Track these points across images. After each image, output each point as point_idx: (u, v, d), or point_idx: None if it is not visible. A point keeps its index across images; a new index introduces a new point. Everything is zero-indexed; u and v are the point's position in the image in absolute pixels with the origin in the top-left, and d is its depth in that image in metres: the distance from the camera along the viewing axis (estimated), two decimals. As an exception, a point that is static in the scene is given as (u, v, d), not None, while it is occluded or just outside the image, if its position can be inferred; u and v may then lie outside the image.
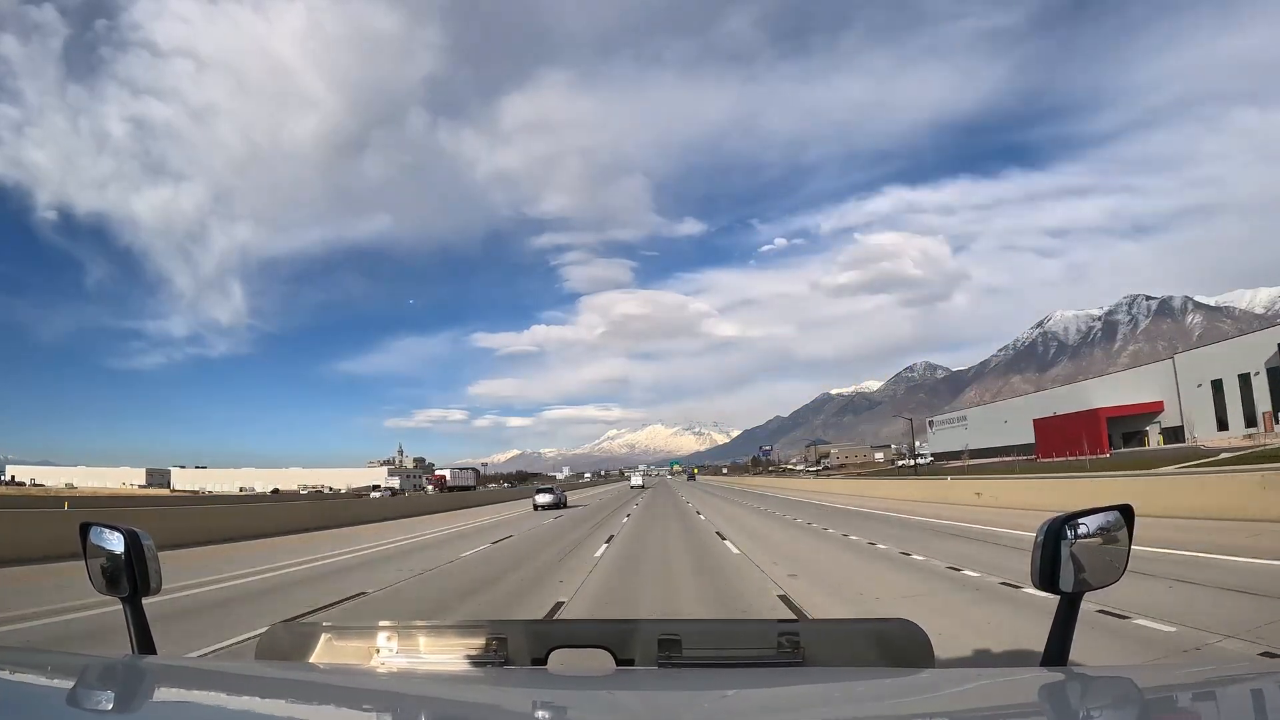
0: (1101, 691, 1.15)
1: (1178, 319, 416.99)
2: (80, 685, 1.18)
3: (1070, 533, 1.29)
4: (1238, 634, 5.16)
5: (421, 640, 1.42)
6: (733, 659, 1.34)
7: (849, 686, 1.25)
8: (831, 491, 38.97)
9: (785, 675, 1.28)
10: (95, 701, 1.11)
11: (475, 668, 1.33)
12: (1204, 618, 5.68)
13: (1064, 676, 1.18)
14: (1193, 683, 1.25)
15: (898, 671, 1.29)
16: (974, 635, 5.51)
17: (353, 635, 1.45)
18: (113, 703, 1.12)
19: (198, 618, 7.21)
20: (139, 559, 1.39)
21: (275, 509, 29.06)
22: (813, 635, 1.35)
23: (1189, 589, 6.91)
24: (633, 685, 1.30)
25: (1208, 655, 4.85)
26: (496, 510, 33.29)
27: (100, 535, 1.45)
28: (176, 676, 1.42)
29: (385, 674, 1.34)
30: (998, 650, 5.02)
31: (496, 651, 1.34)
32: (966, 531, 14.35)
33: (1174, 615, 5.75)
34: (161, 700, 1.19)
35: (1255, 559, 8.39)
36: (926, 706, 1.15)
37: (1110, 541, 1.32)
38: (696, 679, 1.30)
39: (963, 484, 26.05)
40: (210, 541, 15.51)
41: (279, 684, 1.28)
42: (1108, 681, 1.24)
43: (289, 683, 1.29)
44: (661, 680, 1.29)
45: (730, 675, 1.31)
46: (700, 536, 16.11)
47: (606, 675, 1.32)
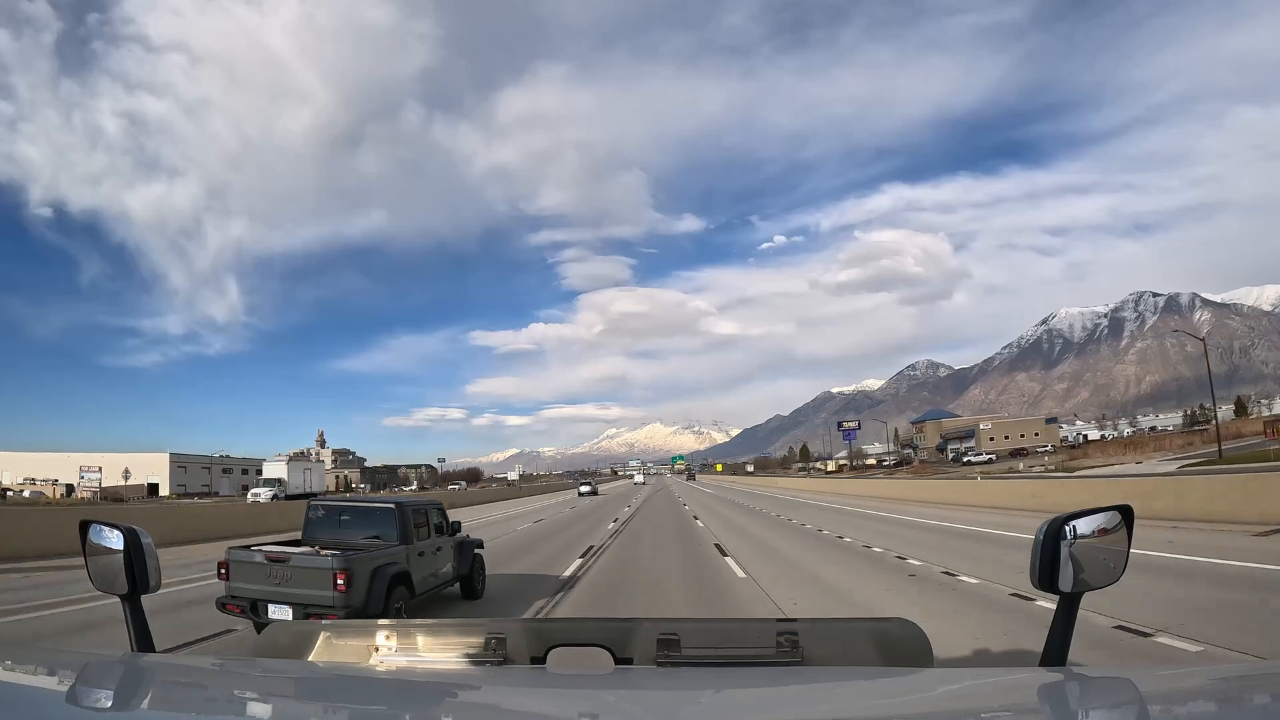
0: (1100, 692, 1.15)
1: (1185, 316, 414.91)
2: (79, 683, 1.19)
3: (1070, 533, 1.29)
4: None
5: (420, 639, 1.43)
6: (732, 658, 1.34)
7: (848, 686, 1.25)
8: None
9: (784, 674, 1.28)
10: (94, 699, 1.12)
11: (474, 666, 1.33)
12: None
13: (1062, 677, 1.18)
14: (1192, 683, 1.25)
15: (897, 671, 1.29)
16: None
17: (351, 634, 1.46)
18: (112, 700, 1.13)
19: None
20: (138, 557, 1.40)
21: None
22: (812, 635, 1.35)
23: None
24: (632, 684, 1.30)
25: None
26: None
27: (100, 533, 1.46)
28: (175, 674, 1.42)
29: (384, 672, 1.34)
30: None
31: (495, 650, 1.34)
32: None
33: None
34: (160, 698, 1.19)
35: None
36: (925, 706, 1.15)
37: (1110, 542, 1.32)
38: (695, 678, 1.30)
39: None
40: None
41: (278, 682, 1.28)
42: (1106, 682, 1.23)
43: (288, 681, 1.29)
44: (660, 679, 1.29)
45: (729, 674, 1.31)
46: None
47: (605, 674, 1.32)
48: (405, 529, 7.21)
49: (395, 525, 7.20)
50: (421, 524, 7.59)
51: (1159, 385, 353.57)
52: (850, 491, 37.74)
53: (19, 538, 13.24)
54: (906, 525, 17.59)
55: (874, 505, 25.64)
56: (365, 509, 7.83)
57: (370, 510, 7.69)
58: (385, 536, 7.17)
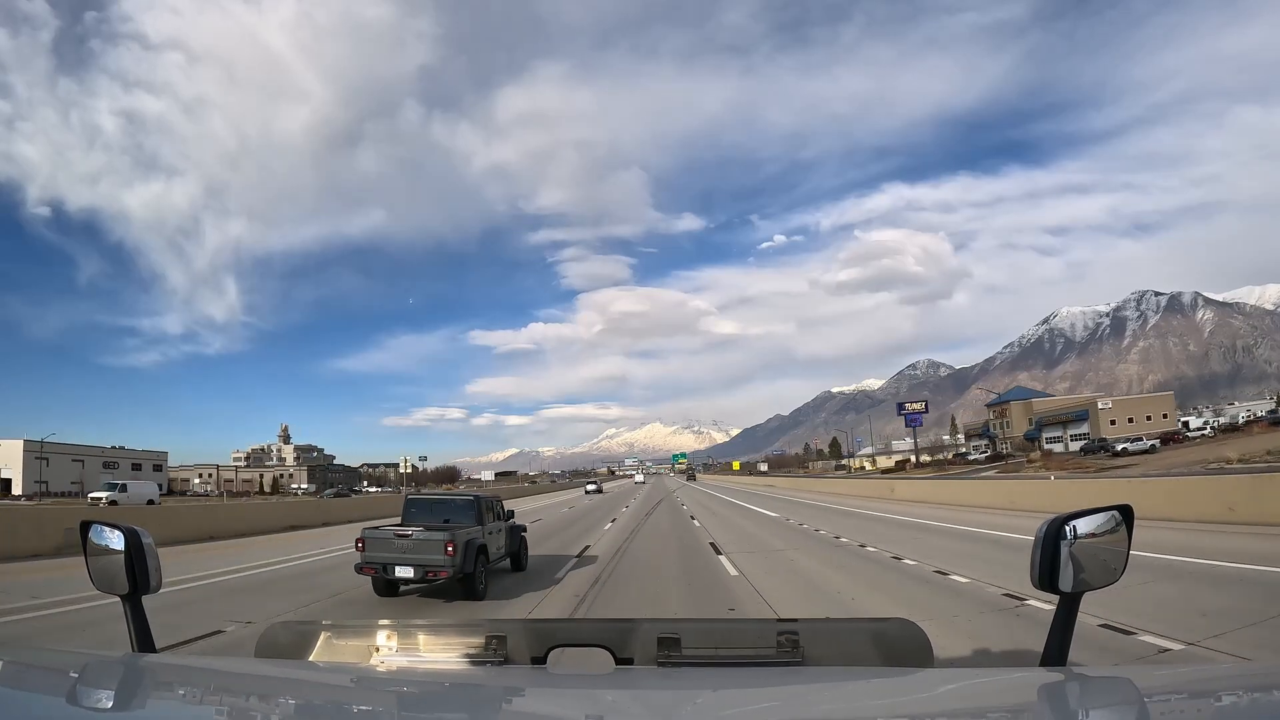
0: (1100, 692, 1.15)
1: (1188, 315, 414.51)
2: (80, 683, 1.19)
3: (1070, 533, 1.29)
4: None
5: (421, 639, 1.43)
6: (732, 658, 1.34)
7: (849, 686, 1.25)
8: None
9: (785, 675, 1.28)
10: (95, 699, 1.12)
11: (475, 666, 1.33)
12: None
13: (1063, 677, 1.18)
14: (1192, 683, 1.25)
15: (897, 671, 1.29)
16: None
17: (352, 634, 1.46)
18: (113, 700, 1.13)
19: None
20: (139, 557, 1.40)
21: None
22: (812, 635, 1.35)
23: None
24: (632, 684, 1.30)
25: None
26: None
27: (100, 533, 1.46)
28: (176, 674, 1.43)
29: (384, 673, 1.34)
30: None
31: (496, 650, 1.34)
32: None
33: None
34: (161, 698, 1.19)
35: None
36: (925, 706, 1.15)
37: (1110, 542, 1.32)
38: (696, 678, 1.30)
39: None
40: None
41: (278, 682, 1.28)
42: (1106, 682, 1.23)
43: (288, 681, 1.29)
44: (661, 679, 1.29)
45: (730, 674, 1.31)
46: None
47: (606, 674, 1.32)
48: (480, 514, 9.31)
49: (473, 512, 9.31)
50: (489, 511, 9.70)
51: (1161, 384, 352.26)
52: (993, 503, 20.13)
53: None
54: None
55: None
56: (451, 500, 10.02)
57: (455, 501, 9.87)
58: (466, 520, 9.11)
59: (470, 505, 9.52)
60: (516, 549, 10.67)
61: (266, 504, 37.28)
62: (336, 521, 23.70)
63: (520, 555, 10.81)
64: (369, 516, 21.50)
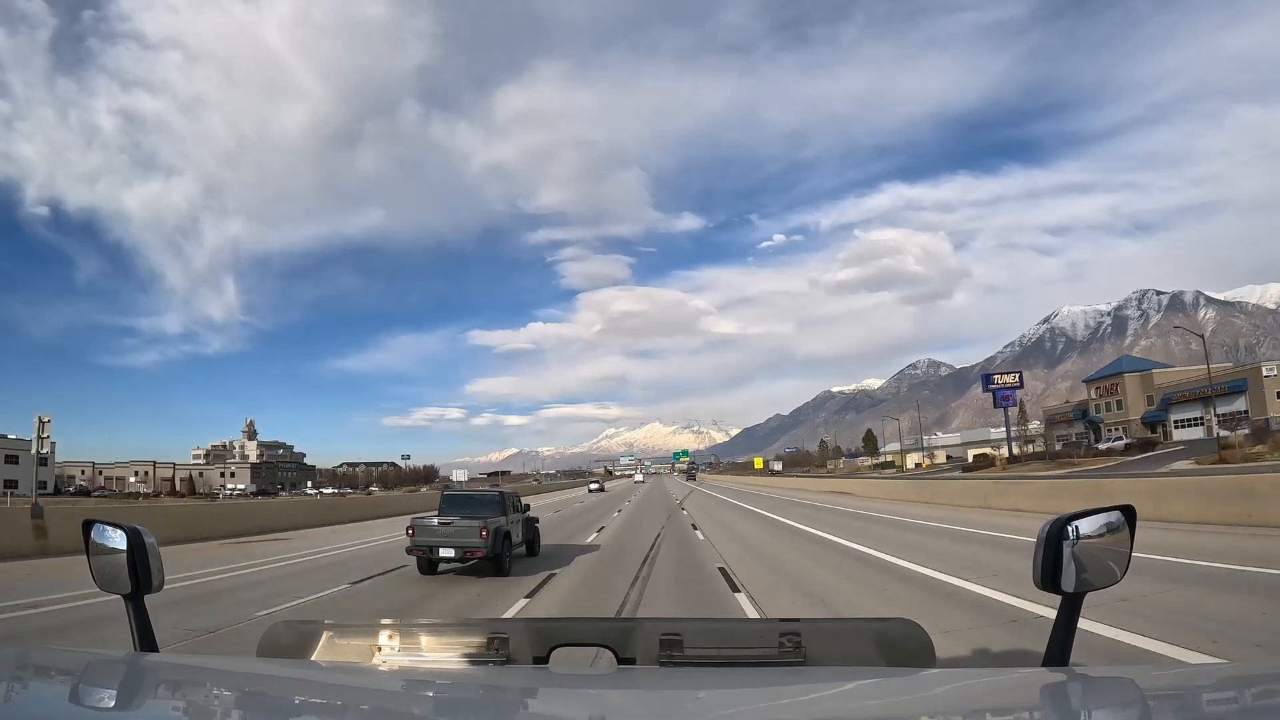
0: (1102, 692, 1.14)
1: (1189, 314, 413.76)
2: (82, 682, 1.19)
3: (1072, 533, 1.29)
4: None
5: (423, 639, 1.42)
6: (734, 658, 1.34)
7: (851, 686, 1.25)
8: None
9: (787, 675, 1.27)
10: (97, 698, 1.12)
11: (477, 666, 1.33)
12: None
13: (1065, 677, 1.18)
14: (1193, 683, 1.25)
15: (899, 671, 1.29)
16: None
17: (354, 633, 1.45)
18: (114, 700, 1.13)
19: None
20: (141, 556, 1.39)
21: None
22: (814, 635, 1.35)
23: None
24: (634, 684, 1.30)
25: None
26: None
27: (102, 533, 1.46)
28: (178, 674, 1.42)
29: (387, 672, 1.34)
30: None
31: (498, 650, 1.34)
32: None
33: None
34: (163, 697, 1.19)
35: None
36: (927, 706, 1.15)
37: (1113, 543, 1.32)
38: (698, 678, 1.29)
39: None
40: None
41: (280, 682, 1.28)
42: (1108, 682, 1.23)
43: (290, 681, 1.29)
44: (663, 679, 1.29)
45: (732, 674, 1.31)
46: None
47: (608, 674, 1.32)
48: (505, 507, 11.21)
49: (499, 505, 11.18)
50: (512, 504, 11.68)
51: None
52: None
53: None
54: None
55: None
56: (480, 496, 11.97)
57: (483, 497, 11.84)
58: (493, 511, 10.88)
59: (496, 499, 11.40)
60: (531, 537, 12.66)
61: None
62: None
63: (534, 542, 12.82)
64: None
